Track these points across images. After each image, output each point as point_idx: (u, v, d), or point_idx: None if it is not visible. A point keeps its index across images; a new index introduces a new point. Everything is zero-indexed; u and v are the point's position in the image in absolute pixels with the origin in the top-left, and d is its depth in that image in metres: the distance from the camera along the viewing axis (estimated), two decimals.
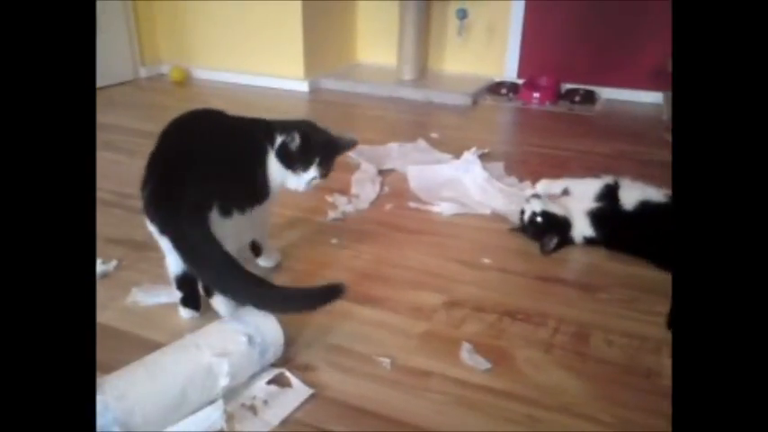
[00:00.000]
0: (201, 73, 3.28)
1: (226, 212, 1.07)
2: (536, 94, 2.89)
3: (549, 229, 1.49)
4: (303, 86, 3.07)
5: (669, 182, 1.57)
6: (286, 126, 1.19)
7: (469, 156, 1.97)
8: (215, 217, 1.04)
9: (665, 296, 1.23)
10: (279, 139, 1.18)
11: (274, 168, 1.19)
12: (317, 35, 3.10)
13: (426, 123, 2.63)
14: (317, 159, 1.20)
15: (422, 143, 2.20)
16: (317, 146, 1.20)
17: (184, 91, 3.12)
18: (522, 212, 1.55)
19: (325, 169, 1.22)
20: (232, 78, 3.20)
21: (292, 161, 1.18)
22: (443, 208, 1.71)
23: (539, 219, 1.49)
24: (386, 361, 1.08)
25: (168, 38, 3.29)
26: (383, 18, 3.26)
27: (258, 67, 3.14)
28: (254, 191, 1.17)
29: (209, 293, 1.15)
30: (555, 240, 1.48)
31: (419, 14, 3.05)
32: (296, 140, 1.16)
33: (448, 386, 1.03)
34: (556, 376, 1.06)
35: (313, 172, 1.20)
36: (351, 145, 1.31)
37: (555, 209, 1.50)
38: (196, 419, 0.91)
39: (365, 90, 3.06)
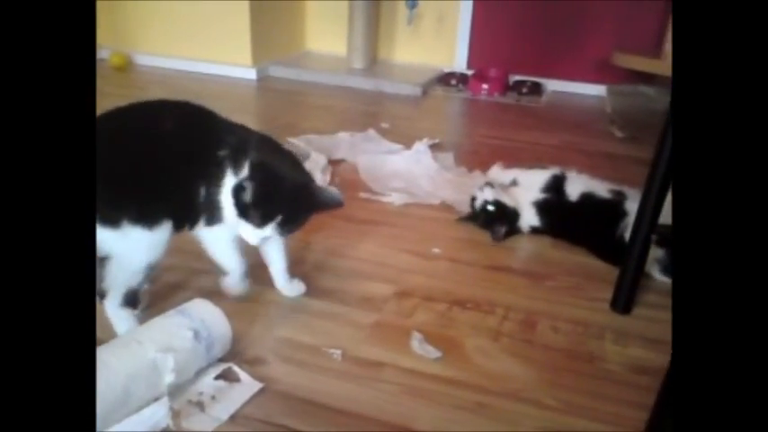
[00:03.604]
0: (144, 59, 3.15)
1: (104, 220, 0.92)
2: (485, 86, 2.92)
3: (499, 217, 1.51)
4: (251, 74, 3.01)
5: (613, 172, 1.64)
6: (241, 155, 0.98)
7: (420, 146, 1.98)
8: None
9: (607, 282, 1.27)
10: (231, 176, 0.97)
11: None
12: (266, 21, 3.03)
13: (377, 113, 2.62)
14: (279, 218, 0.98)
15: (372, 133, 2.19)
16: (281, 199, 0.97)
17: (125, 77, 3.00)
18: (474, 200, 1.57)
19: (290, 229, 1.00)
20: (176, 64, 3.09)
21: (246, 210, 0.97)
22: (394, 198, 1.71)
23: (490, 207, 1.51)
24: (336, 352, 1.07)
25: (107, 21, 3.14)
26: (333, 5, 3.22)
27: (204, 52, 3.05)
28: (164, 206, 0.98)
29: (102, 296, 1.04)
30: (504, 229, 1.51)
31: (369, 2, 3.03)
32: (248, 190, 0.94)
33: (399, 376, 1.03)
34: (504, 363, 1.08)
35: (269, 231, 0.99)
36: (332, 204, 1.06)
37: (506, 198, 1.53)
38: (140, 418, 0.88)
39: (315, 78, 3.02)
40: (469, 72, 3.08)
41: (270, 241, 1.11)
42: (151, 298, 1.18)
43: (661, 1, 2.72)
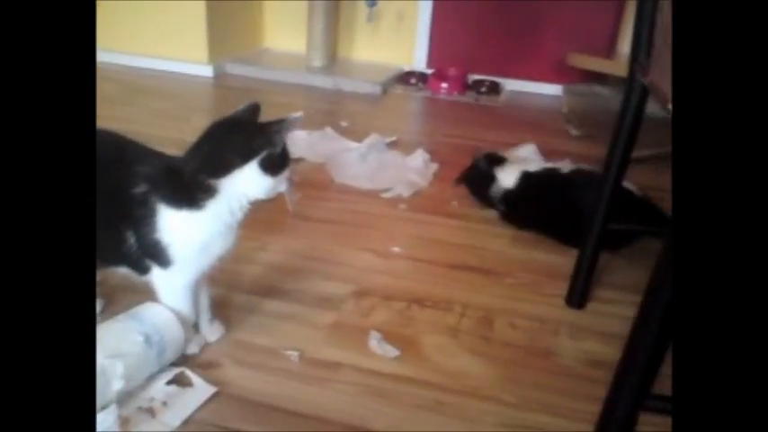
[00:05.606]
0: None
1: None
2: (444, 85, 2.94)
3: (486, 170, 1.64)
4: (207, 71, 2.94)
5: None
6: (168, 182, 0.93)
7: (374, 139, 1.99)
8: None
9: (562, 279, 1.29)
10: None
11: (180, 223, 0.92)
12: (223, 17, 2.97)
13: (336, 112, 2.61)
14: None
15: (329, 131, 2.17)
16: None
17: None
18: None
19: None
20: (130, 61, 3.00)
21: (275, 166, 1.00)
22: (354, 193, 1.70)
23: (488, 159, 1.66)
24: (294, 354, 1.06)
25: None
26: (291, 2, 3.18)
27: (158, 49, 2.97)
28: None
29: None
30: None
31: (328, 0, 3.01)
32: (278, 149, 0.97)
33: (357, 376, 1.02)
34: (462, 361, 1.08)
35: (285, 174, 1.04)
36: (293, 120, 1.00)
37: (508, 168, 1.64)
38: None
39: (273, 76, 2.98)
40: (429, 71, 3.09)
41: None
42: (105, 303, 1.13)
43: (613, 4, 2.79)
